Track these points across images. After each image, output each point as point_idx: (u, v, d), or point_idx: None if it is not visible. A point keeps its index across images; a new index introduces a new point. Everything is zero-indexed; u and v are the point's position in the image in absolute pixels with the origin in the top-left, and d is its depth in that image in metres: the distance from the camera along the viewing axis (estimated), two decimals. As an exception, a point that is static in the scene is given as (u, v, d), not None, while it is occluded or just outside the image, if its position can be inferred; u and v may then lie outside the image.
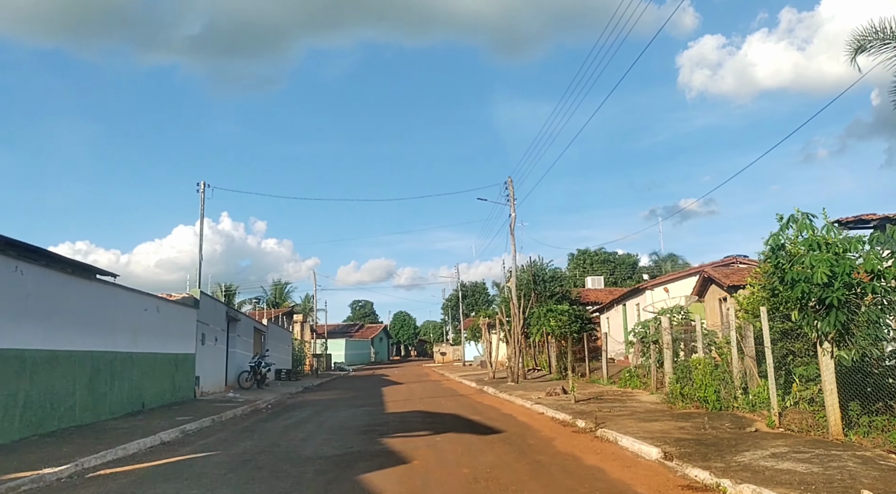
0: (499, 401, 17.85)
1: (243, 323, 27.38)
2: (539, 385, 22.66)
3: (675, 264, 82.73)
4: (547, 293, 37.28)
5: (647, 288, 27.59)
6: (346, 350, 71.76)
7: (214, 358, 22.81)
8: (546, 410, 13.96)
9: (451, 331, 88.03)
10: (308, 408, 17.76)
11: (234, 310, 25.69)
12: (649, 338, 17.76)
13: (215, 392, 22.63)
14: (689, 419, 11.20)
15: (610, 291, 43.97)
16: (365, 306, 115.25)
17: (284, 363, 36.76)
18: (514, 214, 28.84)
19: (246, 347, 27.63)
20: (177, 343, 18.85)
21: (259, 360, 26.28)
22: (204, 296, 21.67)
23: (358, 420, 13.71)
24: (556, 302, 36.15)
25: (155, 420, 13.55)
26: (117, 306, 14.82)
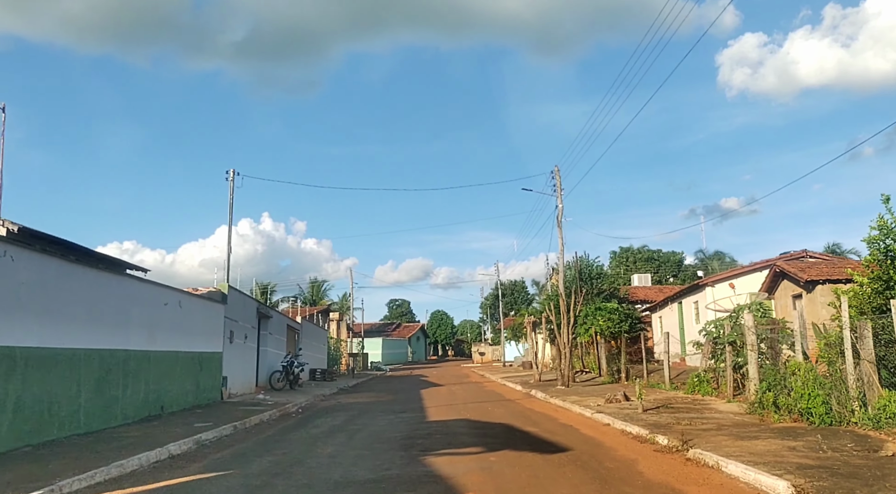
0: (553, 409, 16.01)
1: (275, 321, 26.04)
2: (592, 389, 20.72)
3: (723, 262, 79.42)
4: (594, 291, 35.20)
5: (708, 285, 25.36)
6: (383, 349, 70.52)
7: (244, 357, 21.46)
8: (612, 421, 12.08)
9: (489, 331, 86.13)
10: (341, 414, 16.19)
11: (265, 307, 24.36)
12: (724, 339, 15.70)
13: (244, 393, 21.27)
14: (795, 436, 9.22)
15: (660, 289, 41.62)
16: (402, 305, 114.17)
17: (319, 362, 35.45)
18: (562, 205, 26.91)
19: (278, 346, 26.29)
20: (201, 340, 17.48)
21: (291, 360, 24.89)
22: (232, 291, 20.32)
23: (396, 429, 12.04)
24: (604, 301, 34.10)
25: (171, 427, 12.10)
26: (131, 300, 13.44)
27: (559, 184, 27.07)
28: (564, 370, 21.81)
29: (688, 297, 27.76)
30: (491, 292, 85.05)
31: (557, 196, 27.06)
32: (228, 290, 19.64)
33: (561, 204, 26.96)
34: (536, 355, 26.96)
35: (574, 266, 35.46)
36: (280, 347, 26.51)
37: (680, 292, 29.08)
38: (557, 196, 27.06)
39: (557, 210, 27.00)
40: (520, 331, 52.22)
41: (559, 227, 26.83)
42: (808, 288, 20.06)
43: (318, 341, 35.65)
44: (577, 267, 35.16)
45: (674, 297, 29.79)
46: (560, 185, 27.08)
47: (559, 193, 27.03)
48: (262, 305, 24.10)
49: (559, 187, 27.05)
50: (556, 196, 27.12)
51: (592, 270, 35.81)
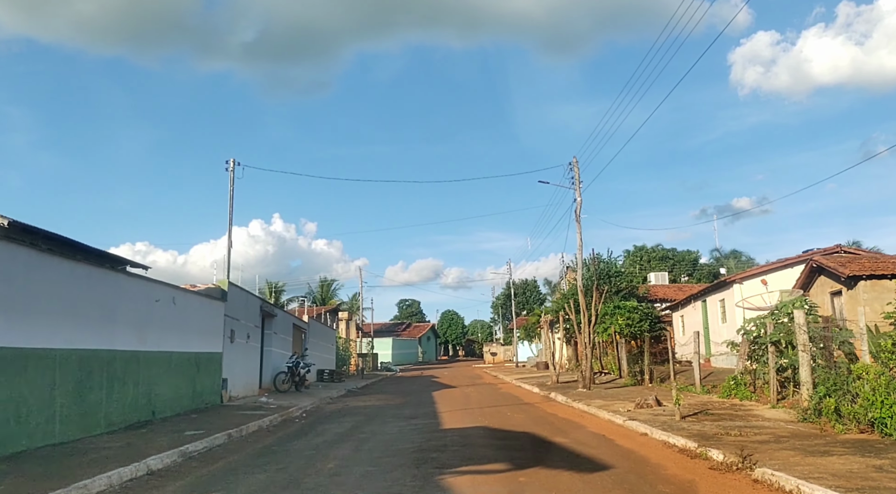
0: (578, 414, 14.70)
1: (280, 320, 24.87)
2: (616, 392, 19.39)
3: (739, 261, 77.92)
4: (612, 289, 33.82)
5: (735, 282, 23.96)
6: (393, 349, 69.37)
7: (246, 357, 20.30)
8: (650, 430, 10.78)
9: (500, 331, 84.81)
10: (348, 419, 14.96)
11: (269, 304, 23.21)
12: (765, 338, 14.35)
13: (247, 396, 20.10)
14: (875, 452, 7.89)
15: (679, 287, 40.17)
16: (412, 305, 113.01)
17: (327, 363, 34.29)
18: (580, 199, 25.57)
19: (284, 346, 25.12)
20: (199, 340, 16.31)
21: (297, 360, 23.71)
22: (233, 288, 19.15)
23: (407, 439, 10.79)
24: (622, 299, 32.76)
25: (158, 436, 10.91)
26: (118, 295, 12.26)
27: (577, 176, 25.76)
28: (585, 371, 20.49)
29: (713, 295, 26.36)
30: (502, 291, 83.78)
31: (576, 189, 25.74)
32: (228, 287, 18.47)
33: (579, 197, 25.65)
34: (554, 355, 25.66)
35: (591, 263, 34.11)
36: (285, 347, 25.35)
37: (704, 290, 27.67)
38: (576, 189, 25.74)
39: (576, 203, 25.70)
40: (533, 331, 50.88)
41: (577, 222, 25.51)
42: (849, 284, 18.66)
43: (326, 341, 34.50)
44: (594, 265, 33.81)
45: (697, 295, 28.39)
46: (578, 178, 25.77)
47: (577, 186, 25.71)
48: (266, 303, 22.94)
49: (577, 180, 25.73)
50: (575, 189, 25.80)
51: (610, 268, 34.44)
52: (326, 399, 21.51)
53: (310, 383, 28.77)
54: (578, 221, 25.52)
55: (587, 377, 20.35)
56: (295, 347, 26.97)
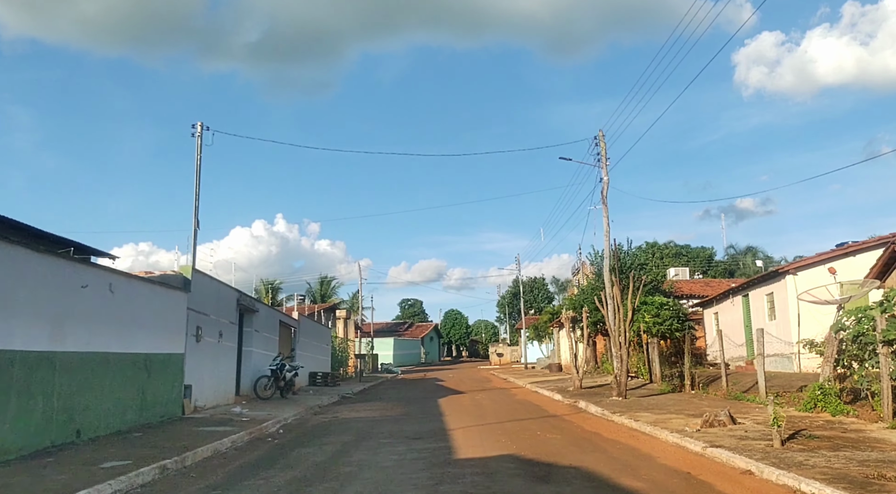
0: (627, 433, 11.49)
1: (264, 316, 21.70)
2: (657, 401, 16.20)
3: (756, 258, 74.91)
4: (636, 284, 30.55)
5: (789, 272, 20.72)
6: (395, 349, 66.20)
7: (217, 359, 17.15)
8: (752, 464, 7.59)
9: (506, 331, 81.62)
10: (333, 439, 11.79)
11: (249, 298, 20.04)
12: (872, 336, 11.12)
13: (218, 405, 16.95)
14: None
15: (706, 283, 36.96)
16: (414, 305, 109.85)
17: (321, 365, 31.12)
18: (607, 178, 22.38)
19: (267, 346, 21.95)
20: (150, 338, 13.15)
21: (281, 362, 20.54)
22: (199, 276, 16.01)
23: (409, 479, 7.60)
24: (647, 295, 29.54)
25: (58, 472, 7.77)
26: (16, 278, 9.10)
27: (604, 152, 22.55)
28: (620, 376, 17.27)
29: (758, 289, 23.12)
30: (509, 289, 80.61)
31: (601, 166, 22.54)
32: (193, 275, 15.31)
33: (606, 176, 22.46)
34: (577, 357, 22.46)
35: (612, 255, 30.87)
36: (270, 347, 22.18)
37: (747, 283, 24.42)
38: (601, 166, 22.54)
39: (602, 183, 22.50)
40: (544, 331, 47.68)
41: (604, 204, 22.32)
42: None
43: (319, 341, 31.33)
44: (615, 256, 30.57)
45: (737, 290, 25.16)
46: (605, 154, 22.56)
47: (604, 163, 22.50)
48: (246, 296, 19.78)
49: (604, 156, 22.53)
50: (600, 166, 22.60)
51: (633, 259, 31.20)
52: (314, 408, 18.34)
53: (299, 388, 25.61)
54: (605, 203, 22.33)
55: (622, 383, 17.13)
56: (282, 347, 23.82)
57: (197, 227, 16.34)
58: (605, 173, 22.37)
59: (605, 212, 22.24)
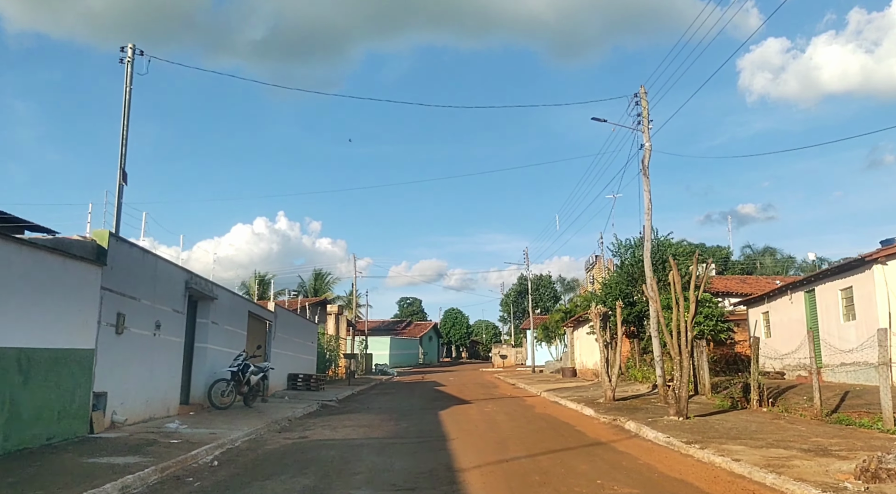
0: (738, 485, 7.40)
1: (226, 305, 17.65)
2: (735, 424, 12.16)
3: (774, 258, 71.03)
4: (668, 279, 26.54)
5: (877, 261, 16.65)
6: (391, 349, 62.08)
7: (153, 357, 13.10)
8: None
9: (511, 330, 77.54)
10: (284, 481, 7.76)
11: (203, 281, 15.96)
12: None
13: (152, 418, 12.93)
14: None
15: (743, 280, 32.93)
16: (413, 304, 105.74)
17: (305, 365, 27.07)
18: (649, 144, 18.32)
19: (232, 342, 17.91)
20: (31, 327, 9.13)
21: (244, 362, 16.51)
22: (124, 246, 11.98)
23: None
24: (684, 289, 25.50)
25: None
26: None
27: (646, 112, 18.50)
28: (681, 390, 13.15)
29: (830, 282, 19.04)
30: (513, 287, 76.56)
31: (643, 129, 18.49)
32: (112, 243, 11.26)
33: (648, 141, 18.41)
34: (608, 362, 18.41)
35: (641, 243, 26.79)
36: (236, 344, 18.13)
37: (812, 276, 20.34)
38: (643, 129, 18.49)
39: (643, 150, 18.46)
40: (554, 331, 43.66)
41: (645, 175, 18.28)
42: None
43: (303, 338, 27.27)
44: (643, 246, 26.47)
45: (797, 284, 21.11)
46: (647, 116, 18.51)
47: (645, 125, 18.46)
48: (199, 279, 15.71)
49: (646, 117, 18.48)
50: (641, 129, 18.55)
51: (667, 251, 27.10)
52: (281, 422, 14.29)
53: (274, 392, 21.59)
54: (646, 174, 18.28)
55: (682, 397, 13.03)
56: (252, 344, 19.76)
57: (123, 181, 12.31)
58: (648, 137, 18.33)
59: (646, 184, 18.21)
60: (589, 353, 32.12)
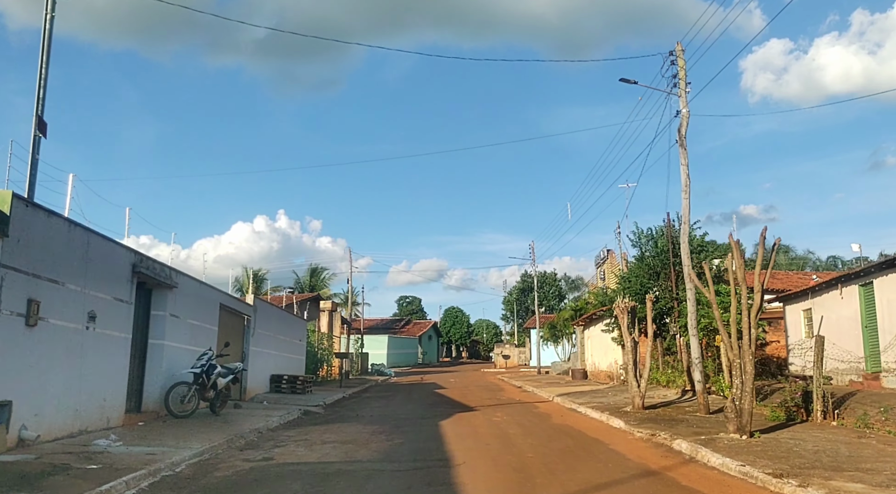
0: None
1: (190, 295, 15.05)
2: (816, 445, 9.59)
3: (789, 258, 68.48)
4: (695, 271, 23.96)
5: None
6: (389, 348, 59.52)
7: (83, 356, 10.52)
8: None
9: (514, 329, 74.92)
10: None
11: (157, 264, 13.32)
12: None
13: (83, 431, 10.36)
14: None
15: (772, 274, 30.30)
16: (413, 302, 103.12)
17: (291, 365, 24.49)
18: (687, 109, 15.73)
19: (198, 338, 15.31)
20: None
21: (209, 361, 13.91)
22: (35, 213, 9.38)
23: None
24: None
25: None
26: None
27: (683, 73, 15.90)
28: (742, 401, 10.53)
29: (890, 274, 16.46)
30: (516, 285, 73.97)
31: (679, 92, 15.90)
32: (14, 208, 8.65)
33: (685, 107, 15.81)
34: (636, 364, 15.84)
35: (665, 233, 24.20)
36: (203, 341, 15.52)
37: (872, 267, 17.73)
38: (679, 92, 15.90)
39: (679, 117, 15.88)
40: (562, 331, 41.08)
41: (682, 146, 15.70)
42: None
43: (289, 335, 24.68)
44: (668, 236, 23.91)
45: (849, 278, 18.51)
46: (685, 77, 15.91)
47: (682, 88, 15.88)
48: (152, 262, 13.10)
49: (683, 79, 15.89)
50: (677, 92, 15.96)
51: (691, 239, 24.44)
52: (248, 435, 11.72)
53: (254, 395, 19.08)
54: (683, 145, 15.70)
55: (746, 410, 10.43)
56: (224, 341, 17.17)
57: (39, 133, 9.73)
58: (685, 102, 15.74)
59: (683, 157, 15.62)
60: (602, 354, 29.54)
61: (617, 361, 27.01)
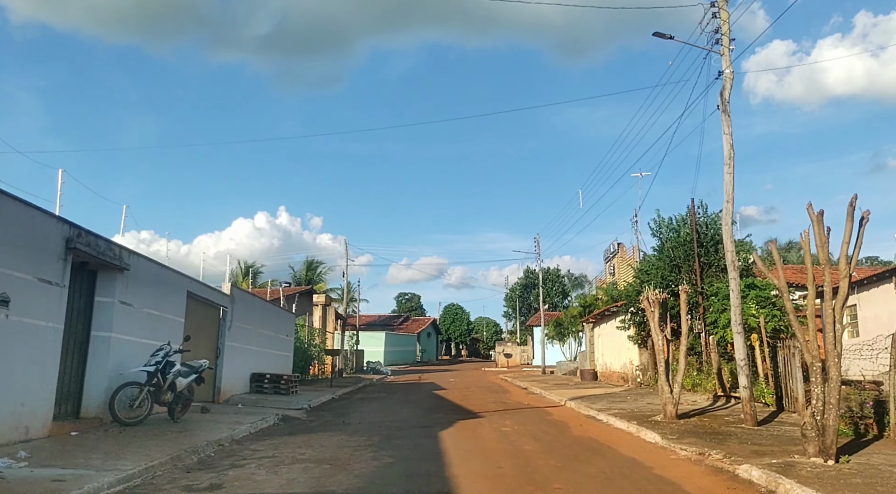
0: None
1: (145, 279, 12.80)
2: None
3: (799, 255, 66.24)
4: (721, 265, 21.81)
5: None
6: (387, 346, 57.32)
7: (-11, 351, 8.29)
8: None
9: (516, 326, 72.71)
10: None
11: (101, 240, 11.05)
12: None
13: (-21, 448, 8.11)
14: None
15: (799, 269, 28.08)
16: (412, 299, 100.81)
17: (277, 363, 22.29)
18: (730, 70, 13.49)
19: (156, 331, 13.06)
20: None
21: (165, 357, 11.68)
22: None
23: None
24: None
25: None
26: None
27: (726, 28, 13.66)
28: (827, 416, 8.27)
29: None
30: (519, 281, 71.74)
31: (721, 50, 13.66)
32: None
33: (729, 67, 13.58)
34: (668, 366, 13.61)
35: (689, 220, 21.95)
36: (164, 334, 13.24)
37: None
38: (721, 50, 13.66)
39: (721, 78, 13.66)
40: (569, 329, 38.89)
41: (724, 111, 13.47)
42: None
43: (274, 329, 22.45)
44: (692, 224, 21.66)
45: None
46: (728, 32, 13.67)
47: (725, 46, 13.63)
48: (94, 238, 10.83)
49: (726, 35, 13.66)
50: (719, 50, 13.72)
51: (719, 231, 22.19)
52: (202, 451, 9.51)
53: (231, 397, 16.92)
54: (726, 111, 13.47)
55: (831, 428, 8.18)
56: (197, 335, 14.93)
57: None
58: (728, 62, 13.50)
59: (726, 124, 13.39)
60: (614, 353, 27.34)
61: (632, 361, 24.81)
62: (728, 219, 13.49)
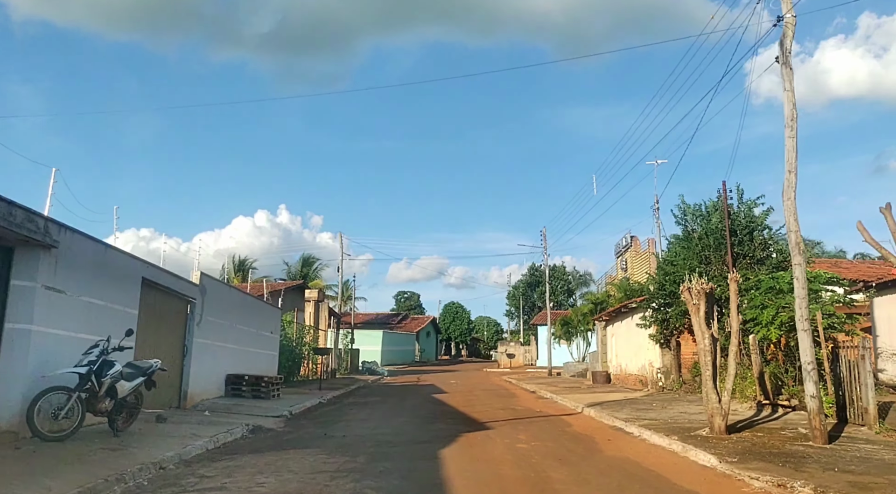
0: None
1: (84, 261, 10.52)
2: None
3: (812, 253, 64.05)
4: (756, 255, 19.53)
5: None
6: (384, 345, 54.98)
7: None
8: None
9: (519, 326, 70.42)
10: None
11: (17, 208, 8.80)
12: None
13: None
14: None
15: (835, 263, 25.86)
16: (411, 298, 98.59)
17: (259, 363, 20.04)
18: (792, 15, 11.21)
19: (98, 324, 10.73)
20: None
21: (100, 358, 9.40)
22: None
23: None
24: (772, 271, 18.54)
25: None
26: None
27: (786, -35, 11.34)
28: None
29: None
30: (522, 278, 69.47)
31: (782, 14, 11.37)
32: None
33: (790, 11, 11.32)
34: (716, 369, 11.34)
35: (720, 207, 19.64)
36: (108, 328, 10.90)
37: None
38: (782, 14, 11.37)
39: (782, 24, 11.41)
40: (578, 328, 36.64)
41: (787, 66, 11.25)
42: None
43: (255, 326, 20.18)
44: (724, 210, 19.35)
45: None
46: (788, -31, 11.37)
47: (787, -13, 11.32)
48: (6, 203, 8.58)
49: (787, -27, 11.33)
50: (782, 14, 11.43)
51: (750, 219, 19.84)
52: (135, 477, 7.28)
53: (200, 402, 14.65)
54: (788, 64, 11.25)
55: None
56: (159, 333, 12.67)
57: None
58: (788, 5, 11.22)
59: (787, 79, 11.15)
60: (631, 354, 25.08)
61: (652, 363, 22.56)
62: (791, 192, 11.21)
